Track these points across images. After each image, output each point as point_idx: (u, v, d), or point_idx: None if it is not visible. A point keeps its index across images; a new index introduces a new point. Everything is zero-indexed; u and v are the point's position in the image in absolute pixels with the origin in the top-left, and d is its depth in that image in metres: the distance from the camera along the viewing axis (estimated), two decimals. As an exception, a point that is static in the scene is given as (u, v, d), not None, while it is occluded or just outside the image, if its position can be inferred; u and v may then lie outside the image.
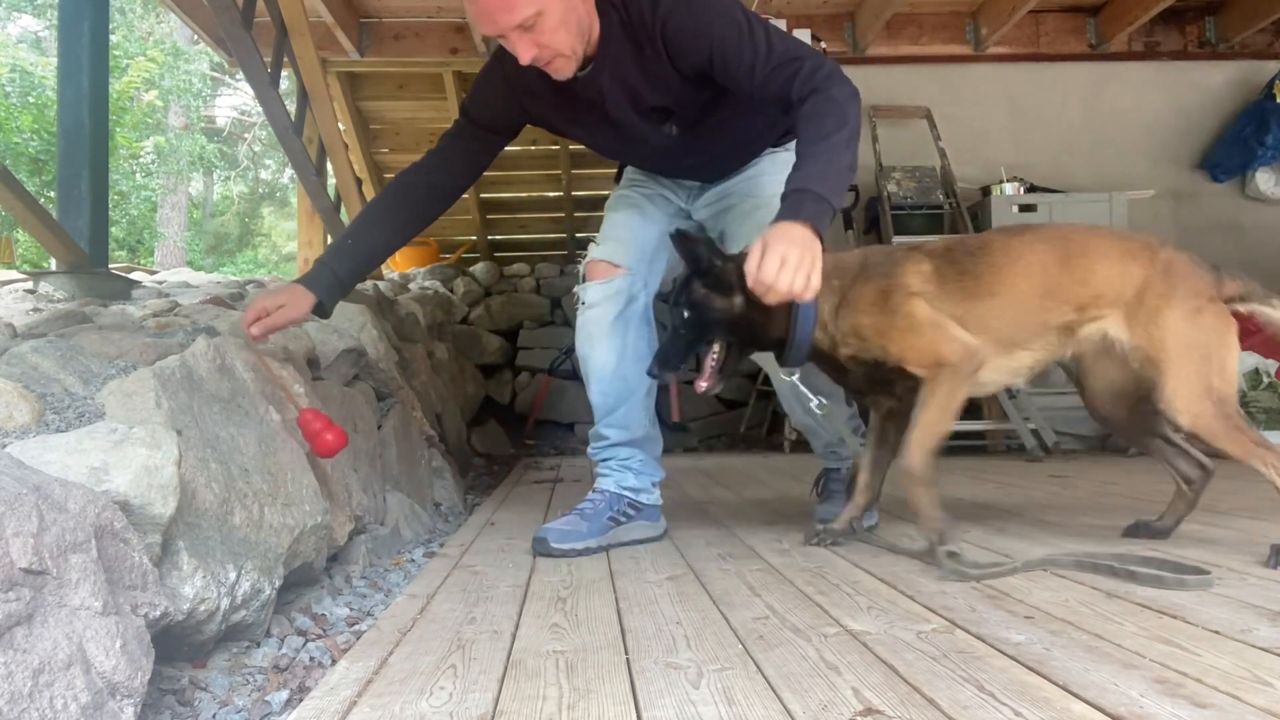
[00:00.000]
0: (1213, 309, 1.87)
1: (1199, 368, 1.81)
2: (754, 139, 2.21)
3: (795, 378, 2.07)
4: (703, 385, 1.91)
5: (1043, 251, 1.90)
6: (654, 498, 2.21)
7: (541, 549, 2.01)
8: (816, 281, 1.66)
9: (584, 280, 2.28)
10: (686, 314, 1.88)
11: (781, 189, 1.77)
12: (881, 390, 2.00)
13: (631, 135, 2.09)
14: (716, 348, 1.91)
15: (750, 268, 1.67)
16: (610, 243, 2.27)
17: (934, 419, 1.84)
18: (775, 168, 2.12)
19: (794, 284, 1.63)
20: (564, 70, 1.92)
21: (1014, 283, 1.87)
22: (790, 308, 1.83)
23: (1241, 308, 1.93)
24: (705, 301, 1.86)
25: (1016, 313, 1.87)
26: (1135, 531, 2.07)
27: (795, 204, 1.70)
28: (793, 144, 1.90)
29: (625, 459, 2.20)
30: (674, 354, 1.91)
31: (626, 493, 2.15)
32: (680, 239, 1.88)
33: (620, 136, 2.12)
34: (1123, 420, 2.03)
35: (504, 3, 1.80)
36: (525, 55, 1.85)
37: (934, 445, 1.85)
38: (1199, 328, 1.84)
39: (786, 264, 1.63)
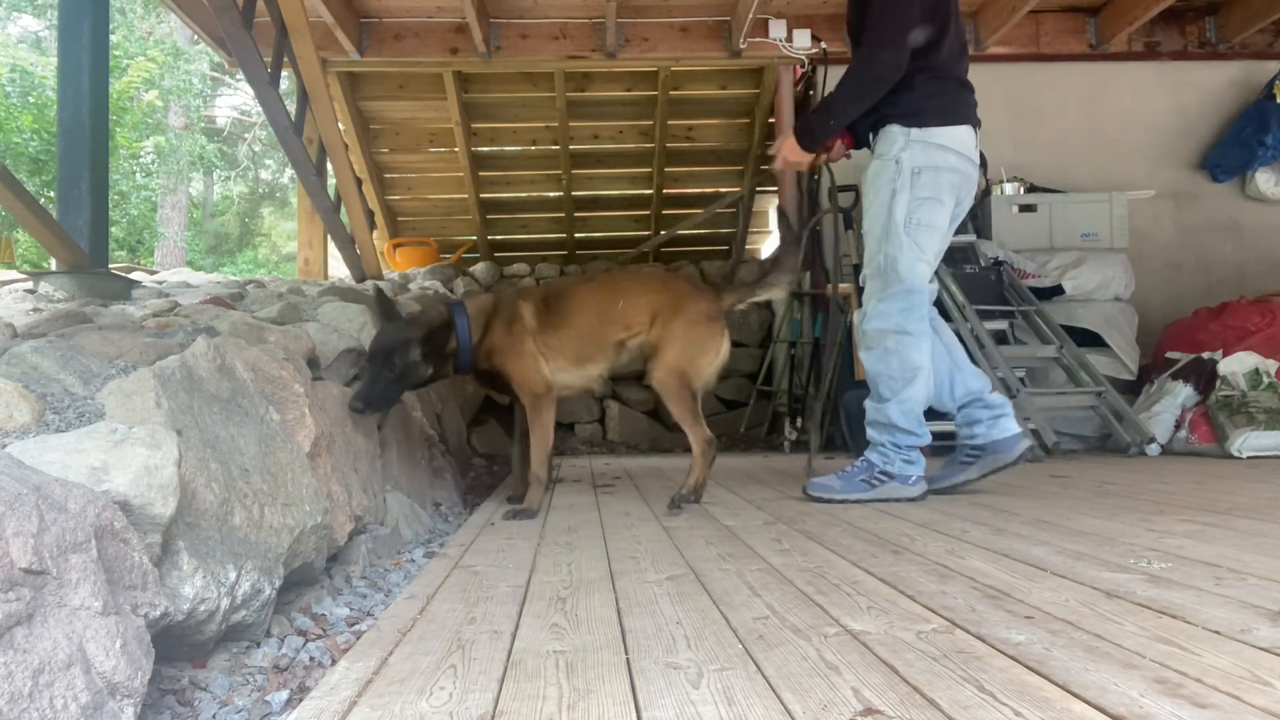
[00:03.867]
0: (705, 325, 2.77)
1: (677, 355, 2.72)
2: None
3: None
4: None
5: (598, 294, 2.90)
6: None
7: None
8: (786, 169, 3.22)
9: None
10: (392, 370, 2.60)
11: (873, 186, 2.81)
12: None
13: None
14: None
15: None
16: None
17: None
18: (876, 167, 2.83)
19: (778, 167, 3.02)
20: None
21: (584, 316, 2.83)
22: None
23: (742, 307, 2.95)
24: (413, 366, 2.66)
25: (580, 338, 2.79)
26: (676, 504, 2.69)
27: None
28: (891, 133, 2.75)
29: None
30: (378, 397, 2.56)
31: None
32: (379, 296, 2.80)
33: None
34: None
35: None
36: None
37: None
38: (687, 333, 2.74)
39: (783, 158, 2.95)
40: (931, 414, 4.67)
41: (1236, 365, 4.38)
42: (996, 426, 2.88)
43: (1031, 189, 5.50)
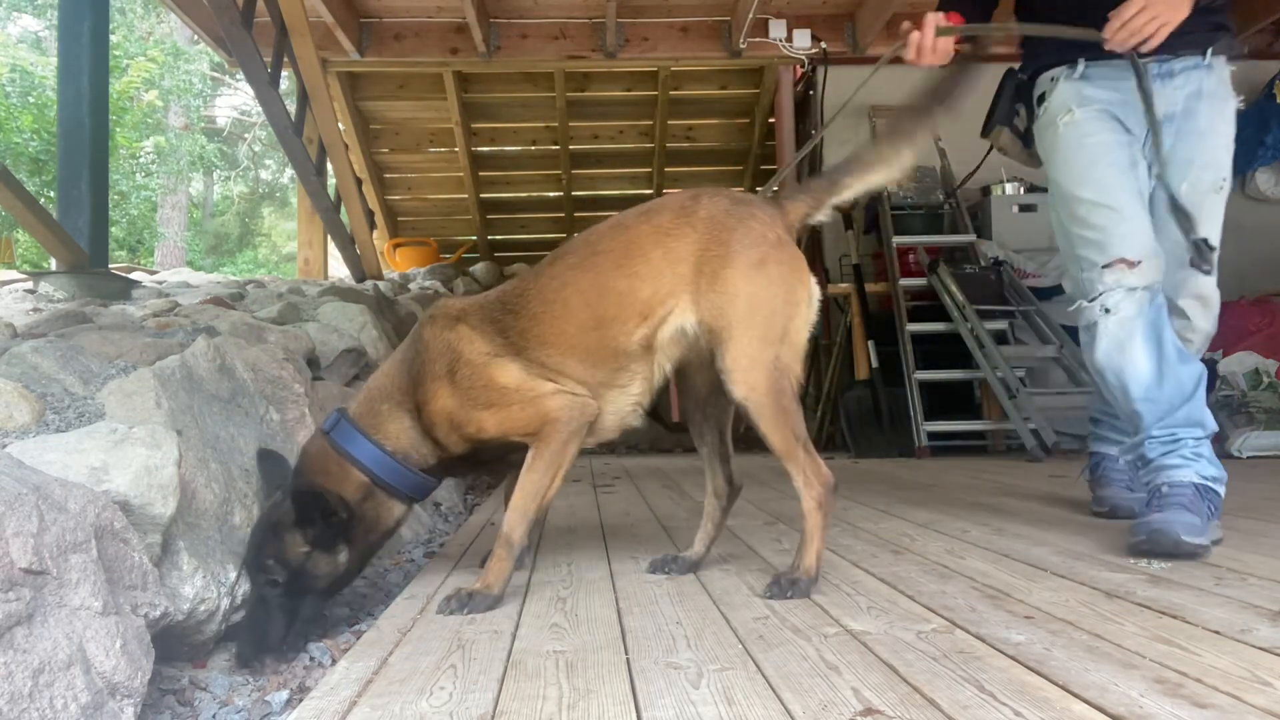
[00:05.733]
0: (778, 255, 1.63)
1: (761, 331, 1.59)
2: None
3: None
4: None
5: (577, 282, 1.68)
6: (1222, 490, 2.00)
7: (1169, 546, 1.75)
8: (1162, 37, 1.93)
9: (1097, 281, 2.06)
10: (280, 579, 1.54)
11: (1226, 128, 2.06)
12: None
13: None
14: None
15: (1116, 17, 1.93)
16: (1114, 227, 2.05)
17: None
18: (1226, 115, 2.09)
19: (1146, 30, 1.93)
20: None
21: (561, 327, 1.66)
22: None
23: (821, 217, 1.74)
24: (309, 564, 1.58)
25: (577, 359, 1.65)
26: (663, 566, 1.80)
27: None
28: (1224, 68, 2.09)
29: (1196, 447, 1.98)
30: (277, 633, 1.53)
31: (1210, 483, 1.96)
32: (264, 458, 1.67)
33: None
34: (697, 418, 1.83)
35: None
36: None
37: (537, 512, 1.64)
38: (761, 282, 1.61)
39: (1154, 16, 1.92)
40: (943, 411, 4.71)
41: (1236, 365, 4.39)
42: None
43: (1031, 189, 5.50)
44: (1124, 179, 2.09)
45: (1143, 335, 1.99)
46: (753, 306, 1.59)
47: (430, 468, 1.70)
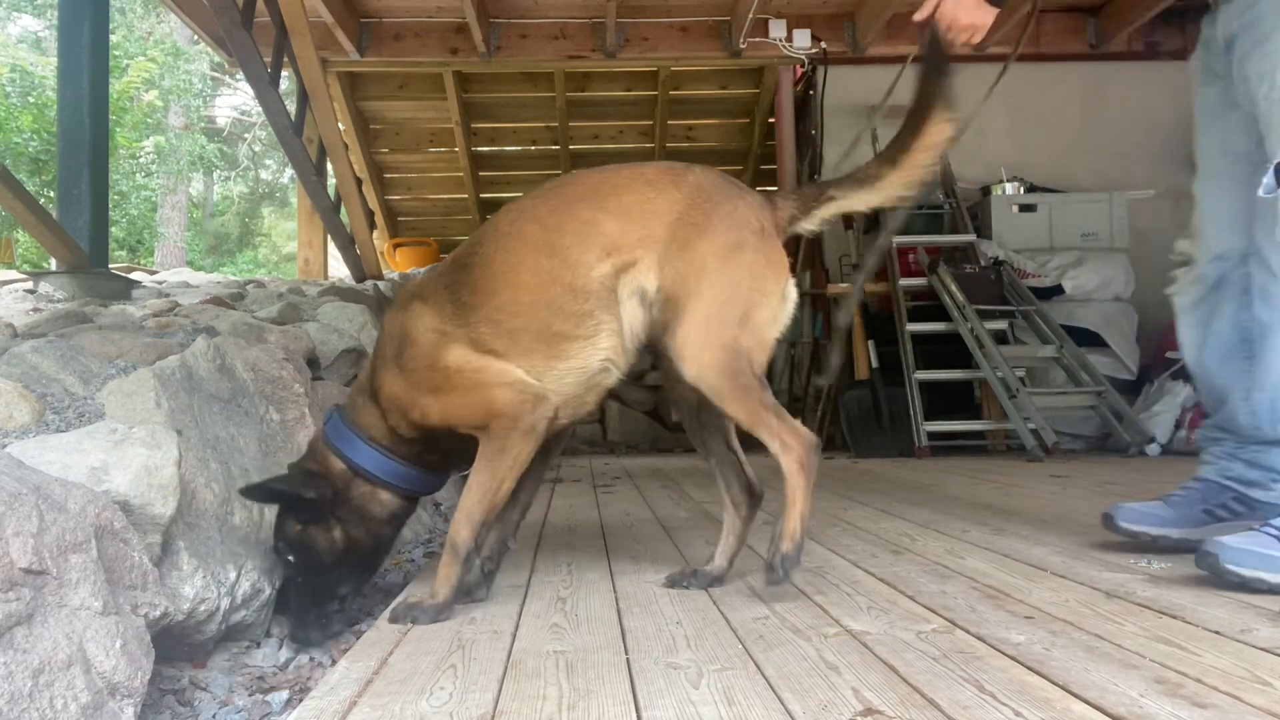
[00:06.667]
0: (756, 242, 1.55)
1: (719, 310, 1.50)
2: None
3: None
4: None
5: (534, 211, 1.62)
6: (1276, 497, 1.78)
7: (1108, 524, 1.78)
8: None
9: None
10: (292, 558, 1.62)
11: None
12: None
13: None
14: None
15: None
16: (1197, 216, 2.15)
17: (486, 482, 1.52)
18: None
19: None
20: None
21: (514, 262, 1.56)
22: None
23: (810, 226, 1.65)
24: (304, 538, 1.61)
25: (530, 304, 1.54)
26: (680, 581, 1.68)
27: None
28: None
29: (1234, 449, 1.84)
30: (307, 614, 1.62)
31: (1233, 484, 1.81)
32: (249, 492, 1.63)
33: None
34: (694, 425, 1.73)
35: None
36: None
37: (484, 515, 1.53)
38: (733, 263, 1.53)
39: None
40: (943, 411, 4.70)
41: (1236, 365, 4.38)
42: None
43: (1031, 189, 5.50)
44: (1209, 141, 2.19)
45: (1189, 324, 1.98)
46: (714, 284, 1.51)
47: (406, 456, 1.63)
